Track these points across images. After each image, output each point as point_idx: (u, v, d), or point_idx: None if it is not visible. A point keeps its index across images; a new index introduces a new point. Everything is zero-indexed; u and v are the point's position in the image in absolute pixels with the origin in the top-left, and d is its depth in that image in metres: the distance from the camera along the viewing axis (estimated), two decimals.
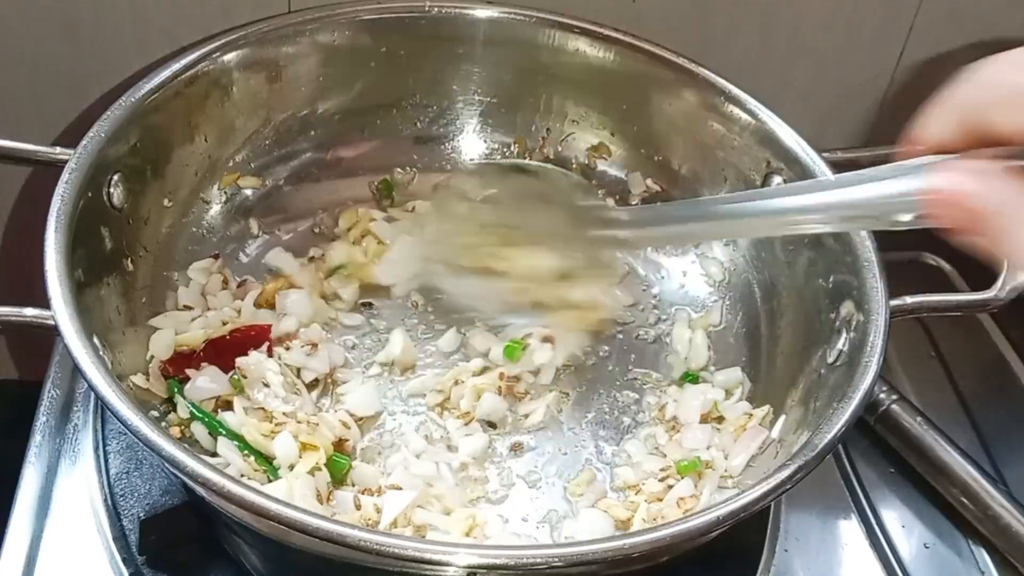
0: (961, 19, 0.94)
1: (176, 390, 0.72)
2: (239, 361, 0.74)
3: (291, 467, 0.69)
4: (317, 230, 0.87)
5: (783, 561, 0.75)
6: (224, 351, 0.75)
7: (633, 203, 0.90)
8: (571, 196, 0.73)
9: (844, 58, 0.96)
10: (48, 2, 0.84)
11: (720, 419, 0.78)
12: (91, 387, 0.58)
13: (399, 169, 0.90)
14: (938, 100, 0.46)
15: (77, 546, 0.69)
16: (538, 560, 0.55)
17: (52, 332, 0.61)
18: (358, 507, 0.68)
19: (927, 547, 0.78)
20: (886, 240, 0.72)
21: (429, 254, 0.78)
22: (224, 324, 0.77)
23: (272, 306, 0.80)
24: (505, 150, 0.92)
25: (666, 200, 0.88)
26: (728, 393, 0.79)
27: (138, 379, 0.71)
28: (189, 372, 0.73)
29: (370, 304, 0.83)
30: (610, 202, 0.89)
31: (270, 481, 0.68)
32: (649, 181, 0.89)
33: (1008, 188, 0.43)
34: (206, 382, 0.73)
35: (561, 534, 0.71)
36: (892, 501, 0.80)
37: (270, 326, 0.77)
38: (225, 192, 0.84)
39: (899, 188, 0.48)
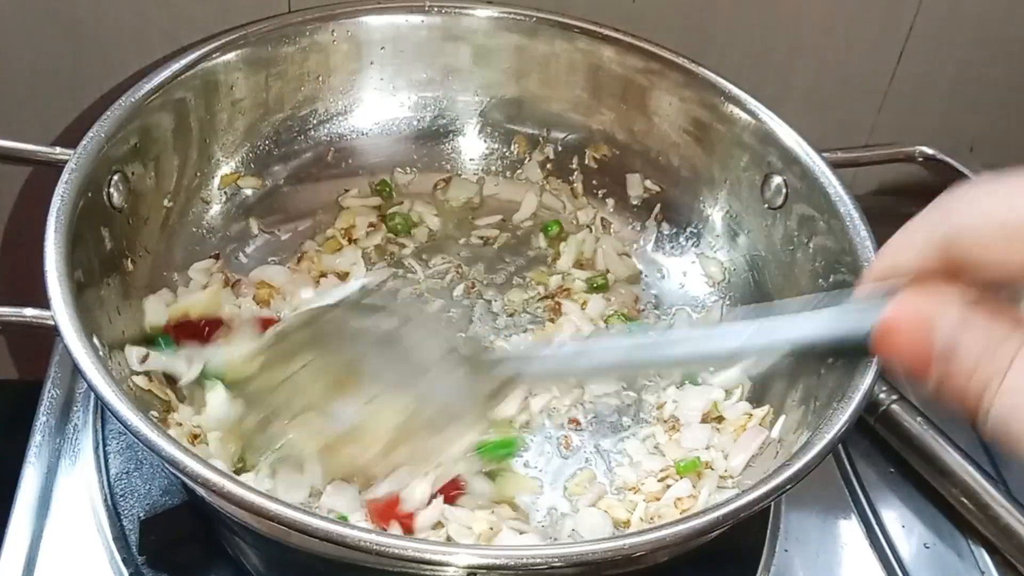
0: (961, 19, 0.94)
1: (161, 341, 0.73)
2: None
3: None
4: (317, 230, 0.87)
5: (783, 561, 0.75)
6: None
7: (633, 203, 0.90)
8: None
9: (844, 58, 0.96)
10: (48, 2, 0.84)
11: (720, 419, 0.78)
12: (91, 388, 0.58)
13: (399, 169, 0.90)
14: (911, 225, 0.42)
15: (77, 546, 0.69)
16: (538, 560, 0.55)
17: (52, 332, 0.61)
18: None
19: (927, 547, 0.78)
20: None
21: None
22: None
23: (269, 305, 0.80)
24: (505, 150, 0.92)
25: (666, 200, 0.88)
26: (728, 393, 0.79)
27: (139, 380, 0.71)
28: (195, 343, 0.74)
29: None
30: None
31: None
32: (648, 182, 0.89)
33: (976, 325, 0.37)
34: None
35: (561, 533, 0.71)
36: (892, 501, 0.80)
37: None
38: (225, 192, 0.84)
39: (854, 323, 0.43)
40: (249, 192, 0.85)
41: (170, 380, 0.72)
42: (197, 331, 0.75)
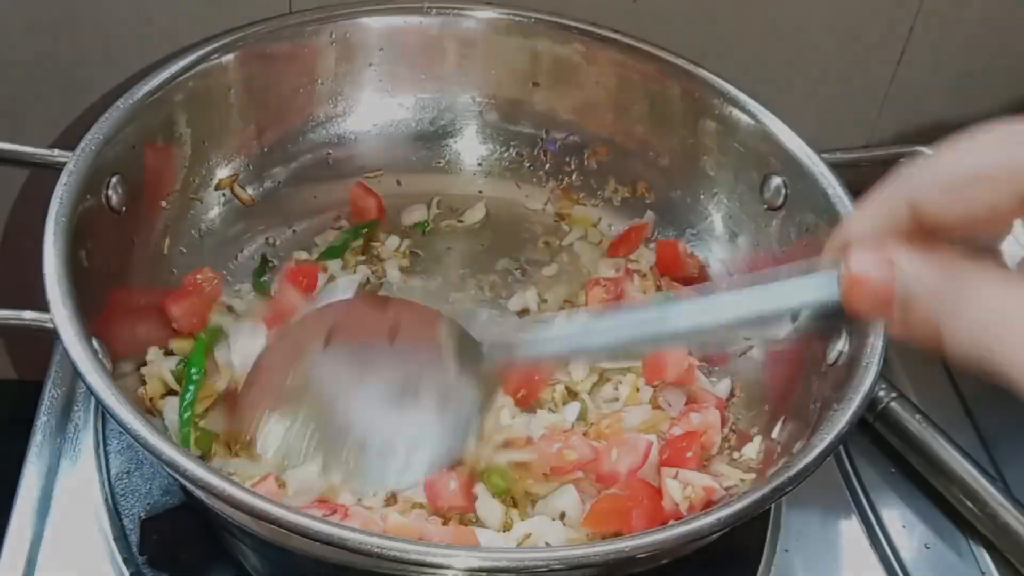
0: (961, 20, 0.94)
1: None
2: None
3: None
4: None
5: (783, 561, 0.75)
6: None
7: (634, 205, 0.90)
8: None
9: (844, 58, 0.96)
10: (48, 3, 0.84)
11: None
12: (90, 390, 0.58)
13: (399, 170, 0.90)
14: (871, 197, 0.46)
15: (78, 546, 0.69)
16: (538, 563, 0.55)
17: (51, 335, 0.61)
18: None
19: (928, 547, 0.78)
20: None
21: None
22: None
23: None
24: (504, 151, 0.92)
25: (665, 202, 0.88)
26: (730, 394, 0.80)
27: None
28: None
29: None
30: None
31: None
32: (642, 185, 0.89)
33: (931, 272, 0.42)
34: None
35: None
36: (892, 501, 0.80)
37: None
38: (224, 194, 0.84)
39: (822, 291, 0.48)
40: (248, 193, 0.85)
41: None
42: None
